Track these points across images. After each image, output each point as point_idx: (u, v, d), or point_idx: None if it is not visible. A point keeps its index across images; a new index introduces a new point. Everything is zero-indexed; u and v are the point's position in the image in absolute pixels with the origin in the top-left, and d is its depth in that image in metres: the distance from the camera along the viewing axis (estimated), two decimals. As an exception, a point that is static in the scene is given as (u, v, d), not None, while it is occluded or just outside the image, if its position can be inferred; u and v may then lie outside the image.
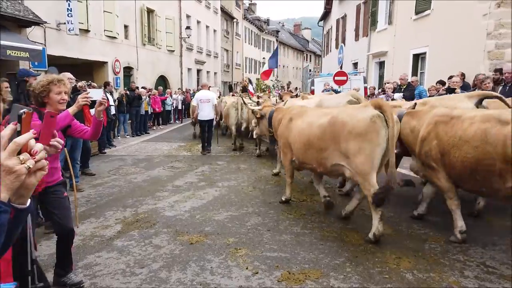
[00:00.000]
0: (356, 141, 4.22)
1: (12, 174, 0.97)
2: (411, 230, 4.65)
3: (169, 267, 3.71)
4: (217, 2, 33.14)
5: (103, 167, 8.56)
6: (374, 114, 4.16)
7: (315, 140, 4.75)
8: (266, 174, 7.75)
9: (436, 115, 4.33)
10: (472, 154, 3.78)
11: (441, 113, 4.31)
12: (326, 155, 4.63)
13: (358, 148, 4.21)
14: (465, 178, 4.01)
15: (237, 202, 5.86)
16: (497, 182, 3.66)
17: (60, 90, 2.95)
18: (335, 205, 5.41)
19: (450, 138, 4.04)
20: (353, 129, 4.24)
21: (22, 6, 12.06)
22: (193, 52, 28.02)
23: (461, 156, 3.90)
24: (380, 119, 4.14)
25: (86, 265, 3.76)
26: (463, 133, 3.90)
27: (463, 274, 3.53)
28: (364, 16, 20.05)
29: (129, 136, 14.07)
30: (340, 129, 4.39)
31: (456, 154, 3.95)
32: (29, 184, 1.04)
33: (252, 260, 3.86)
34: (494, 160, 3.60)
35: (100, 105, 3.09)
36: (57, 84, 2.94)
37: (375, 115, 4.15)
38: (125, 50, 18.99)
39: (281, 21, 71.13)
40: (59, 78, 2.97)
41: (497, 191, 3.74)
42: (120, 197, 6.21)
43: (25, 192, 1.05)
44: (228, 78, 37.90)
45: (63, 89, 2.98)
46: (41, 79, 3.01)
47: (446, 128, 4.12)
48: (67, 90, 3.05)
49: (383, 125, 4.12)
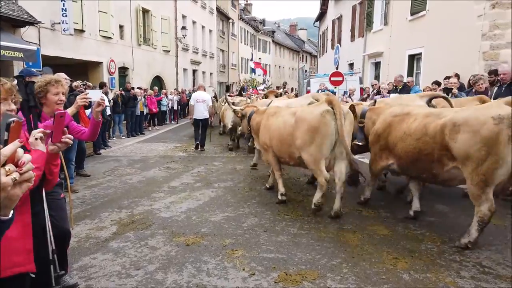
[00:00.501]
0: (309, 134, 4.86)
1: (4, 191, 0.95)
2: (408, 231, 4.66)
3: (165, 269, 3.68)
4: (213, 3, 33.09)
5: (98, 168, 8.51)
6: (325, 110, 4.79)
7: (286, 136, 5.30)
8: (262, 175, 7.73)
9: (391, 114, 5.01)
10: (415, 145, 4.45)
11: (394, 112, 5.00)
12: (293, 149, 5.21)
13: (310, 139, 4.85)
14: (411, 168, 4.68)
15: (233, 203, 5.85)
16: (433, 168, 4.33)
17: (58, 91, 2.93)
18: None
19: (397, 132, 4.72)
20: (308, 123, 4.87)
21: (16, 6, 11.96)
22: (189, 52, 27.96)
23: (405, 147, 4.58)
24: (330, 113, 4.75)
25: (81, 267, 3.73)
26: (407, 127, 4.58)
27: (459, 275, 3.53)
28: (359, 16, 20.10)
29: (124, 136, 14.00)
30: (300, 125, 4.99)
31: (401, 146, 4.64)
32: (13, 195, 1.01)
33: (249, 261, 3.84)
34: (433, 149, 4.23)
35: (99, 106, 3.06)
36: (54, 84, 2.92)
37: (325, 110, 4.78)
38: (120, 50, 18.90)
39: (277, 21, 71.12)
40: (56, 79, 2.95)
41: (436, 175, 4.39)
42: (116, 198, 6.17)
43: (8, 203, 1.03)
44: (224, 78, 37.86)
45: (60, 89, 2.96)
46: (39, 80, 2.99)
47: (397, 124, 4.78)
48: (64, 90, 3.03)
49: (332, 118, 4.73)
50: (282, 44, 55.86)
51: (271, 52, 52.35)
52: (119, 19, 18.60)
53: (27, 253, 1.88)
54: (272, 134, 5.62)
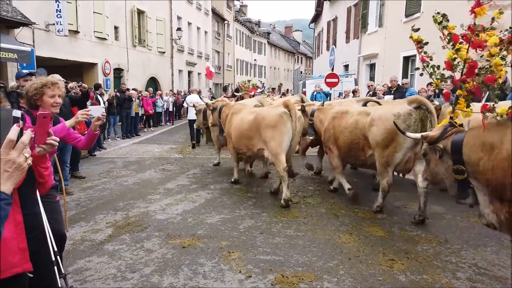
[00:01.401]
0: (270, 131, 5.71)
1: (20, 170, 1.14)
2: (404, 232, 4.67)
3: (161, 272, 3.66)
4: (208, 4, 33.09)
5: (93, 169, 8.45)
6: (282, 111, 5.69)
7: (245, 132, 6.19)
8: (258, 177, 7.72)
9: (334, 112, 6.14)
10: (349, 137, 5.58)
11: (336, 111, 6.15)
12: (253, 142, 6.10)
13: (272, 136, 5.70)
14: (348, 155, 5.82)
15: (229, 205, 5.83)
16: (361, 154, 5.47)
17: (54, 94, 2.90)
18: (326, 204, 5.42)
19: (338, 127, 5.82)
20: (268, 122, 5.75)
21: (10, 6, 11.89)
22: (184, 53, 27.92)
23: (343, 139, 5.70)
24: (287, 115, 5.65)
25: (76, 270, 3.70)
26: (344, 123, 5.69)
27: (455, 276, 3.55)
28: (354, 18, 20.19)
29: (120, 138, 13.93)
30: (261, 122, 5.85)
31: (341, 138, 5.74)
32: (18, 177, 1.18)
33: (245, 263, 3.83)
34: (360, 140, 5.39)
35: (98, 120, 3.07)
36: (51, 87, 2.88)
37: (283, 112, 5.68)
38: (115, 52, 18.83)
39: (272, 23, 71.27)
40: (53, 81, 2.91)
41: (364, 161, 5.54)
42: (111, 200, 6.13)
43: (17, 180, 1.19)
44: (219, 79, 37.83)
45: (57, 92, 2.92)
46: (35, 81, 2.95)
47: (338, 120, 5.87)
48: (61, 93, 3.00)
49: (289, 119, 5.63)
50: (277, 46, 55.96)
51: (266, 53, 52.42)
52: (114, 20, 18.54)
53: (22, 252, 1.88)
54: (234, 127, 6.56)
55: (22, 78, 5.59)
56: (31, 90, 2.88)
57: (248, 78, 39.74)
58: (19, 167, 1.12)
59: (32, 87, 2.89)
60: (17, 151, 1.10)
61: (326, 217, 5.25)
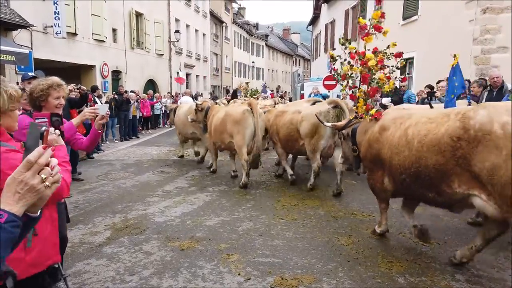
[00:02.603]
0: (235, 126, 6.82)
1: (34, 192, 1.08)
2: (402, 234, 4.68)
3: (160, 274, 3.66)
4: (206, 6, 33.13)
5: (91, 172, 8.43)
6: (245, 109, 6.79)
7: (218, 127, 7.26)
8: (256, 179, 7.73)
9: (276, 111, 7.60)
10: (286, 131, 6.88)
11: (278, 110, 7.62)
12: (224, 136, 7.17)
13: (237, 130, 6.80)
14: (286, 146, 7.10)
15: (228, 207, 5.83)
16: (296, 144, 6.76)
17: (59, 95, 2.89)
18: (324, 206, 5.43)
19: (279, 123, 7.15)
20: (234, 118, 6.87)
21: (8, 9, 11.88)
22: (182, 56, 27.93)
23: (283, 133, 6.97)
24: (249, 112, 6.72)
25: (75, 273, 3.68)
26: (285, 120, 6.98)
27: (454, 278, 3.55)
28: (352, 21, 20.24)
29: (118, 140, 13.91)
30: (228, 119, 6.98)
31: (281, 132, 7.07)
32: (45, 196, 1.12)
33: (245, 266, 3.83)
34: (294, 133, 6.68)
35: (102, 119, 3.07)
36: (56, 88, 2.88)
37: (246, 110, 6.76)
38: (114, 54, 18.83)
39: (270, 25, 71.40)
40: (58, 83, 2.90)
41: (298, 150, 6.91)
42: (109, 202, 6.12)
43: (39, 202, 1.13)
44: (217, 82, 37.86)
45: (61, 93, 2.92)
46: (40, 82, 2.93)
47: (279, 118, 7.23)
48: (65, 94, 3.00)
49: (251, 116, 6.70)
50: (275, 48, 56.05)
51: (264, 55, 52.50)
52: (112, 23, 18.54)
53: (55, 246, 2.14)
54: (211, 124, 7.67)
55: (26, 80, 5.58)
56: (36, 91, 2.86)
57: (246, 80, 39.87)
58: (32, 189, 1.07)
59: (37, 88, 2.86)
60: (32, 172, 1.06)
61: (325, 219, 5.25)
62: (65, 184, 1.99)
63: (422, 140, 3.46)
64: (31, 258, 1.91)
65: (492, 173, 2.94)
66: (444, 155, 3.25)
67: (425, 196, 3.68)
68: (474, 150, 3.04)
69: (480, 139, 3.00)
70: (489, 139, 2.95)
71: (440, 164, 3.30)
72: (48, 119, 2.38)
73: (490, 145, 2.95)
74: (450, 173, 3.25)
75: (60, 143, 2.22)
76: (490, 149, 2.95)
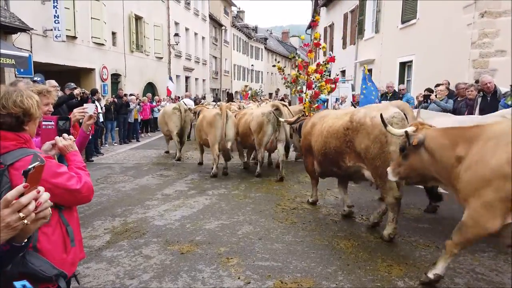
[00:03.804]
0: (209, 127, 8.23)
1: (10, 229, 1.09)
2: (401, 238, 4.68)
3: (160, 278, 3.66)
4: (206, 9, 33.20)
5: (91, 175, 8.38)
6: (217, 112, 8.09)
7: (201, 127, 8.71)
8: (256, 182, 7.74)
9: (239, 114, 9.10)
10: (244, 129, 8.31)
11: (242, 113, 9.13)
12: (204, 134, 8.56)
13: (210, 130, 8.18)
14: (244, 141, 8.61)
15: (227, 211, 5.83)
16: (250, 139, 8.16)
17: (49, 101, 2.90)
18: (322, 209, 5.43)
19: (240, 123, 8.54)
20: (208, 120, 8.29)
21: (8, 12, 11.89)
22: (182, 59, 27.97)
23: (241, 130, 8.44)
24: (219, 115, 7.97)
25: (74, 277, 3.68)
26: (243, 120, 8.44)
27: (453, 281, 3.56)
28: (351, 24, 20.33)
29: (117, 143, 13.90)
30: (204, 120, 8.50)
31: (240, 129, 8.47)
32: (28, 230, 1.15)
33: (244, 269, 3.83)
34: (247, 130, 8.15)
35: (90, 119, 3.01)
36: (46, 95, 2.89)
37: (217, 113, 8.05)
38: (113, 57, 18.85)
39: (269, 28, 71.44)
40: (48, 89, 2.92)
41: (251, 144, 8.29)
42: (109, 206, 6.12)
43: (23, 234, 1.17)
44: (216, 85, 37.90)
45: (51, 100, 2.94)
46: (30, 88, 2.95)
47: (240, 119, 8.68)
48: (53, 101, 3.02)
49: (221, 118, 7.91)
50: (274, 51, 56.13)
51: (263, 59, 52.58)
52: (111, 26, 18.56)
53: (81, 242, 2.33)
54: (197, 125, 9.13)
55: None
56: None
57: (245, 83, 39.91)
58: (8, 226, 1.08)
59: None
60: (10, 210, 1.07)
61: (324, 222, 5.26)
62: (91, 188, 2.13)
63: (328, 130, 5.01)
64: (71, 257, 2.08)
65: (366, 151, 4.41)
66: (339, 140, 4.78)
67: (333, 171, 5.21)
68: (356, 136, 4.53)
69: (359, 128, 4.49)
70: (363, 128, 4.43)
71: (337, 146, 4.83)
72: (54, 123, 2.38)
73: (364, 132, 4.43)
74: (343, 152, 4.77)
75: (75, 148, 2.26)
76: (364, 135, 4.42)
